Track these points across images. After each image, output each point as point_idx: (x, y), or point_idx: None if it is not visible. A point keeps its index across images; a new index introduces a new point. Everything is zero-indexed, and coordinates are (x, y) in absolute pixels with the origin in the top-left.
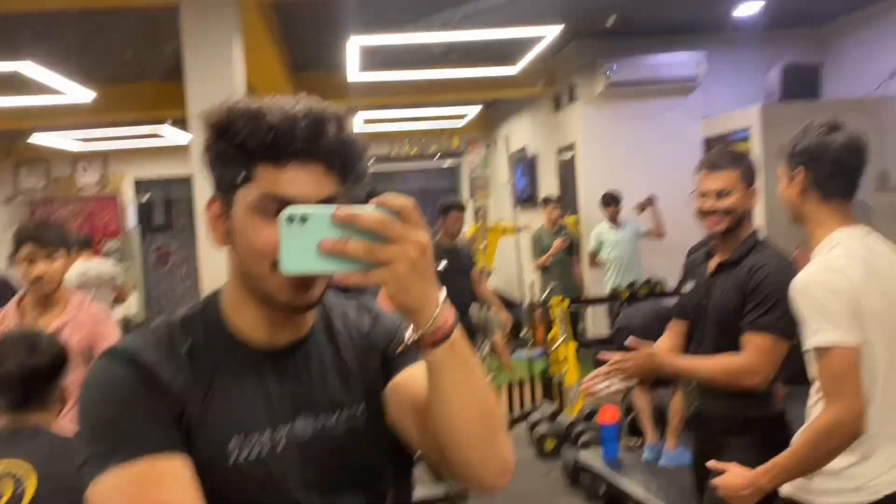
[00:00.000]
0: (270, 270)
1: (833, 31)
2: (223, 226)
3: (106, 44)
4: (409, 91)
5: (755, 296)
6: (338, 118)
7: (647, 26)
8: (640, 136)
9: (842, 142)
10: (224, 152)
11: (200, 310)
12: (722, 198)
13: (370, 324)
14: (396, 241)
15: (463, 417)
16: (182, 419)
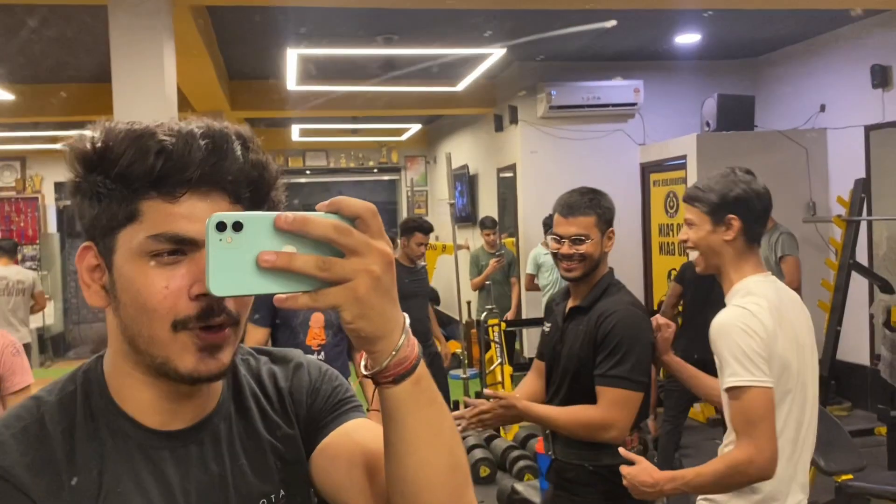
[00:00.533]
0: (170, 333)
1: (766, 65)
2: (100, 281)
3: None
4: (350, 104)
5: (605, 346)
6: (244, 138)
7: (588, 53)
8: (579, 160)
9: (764, 190)
10: (99, 187)
11: (80, 385)
12: (578, 244)
13: (288, 380)
14: (355, 254)
15: (430, 468)
16: None
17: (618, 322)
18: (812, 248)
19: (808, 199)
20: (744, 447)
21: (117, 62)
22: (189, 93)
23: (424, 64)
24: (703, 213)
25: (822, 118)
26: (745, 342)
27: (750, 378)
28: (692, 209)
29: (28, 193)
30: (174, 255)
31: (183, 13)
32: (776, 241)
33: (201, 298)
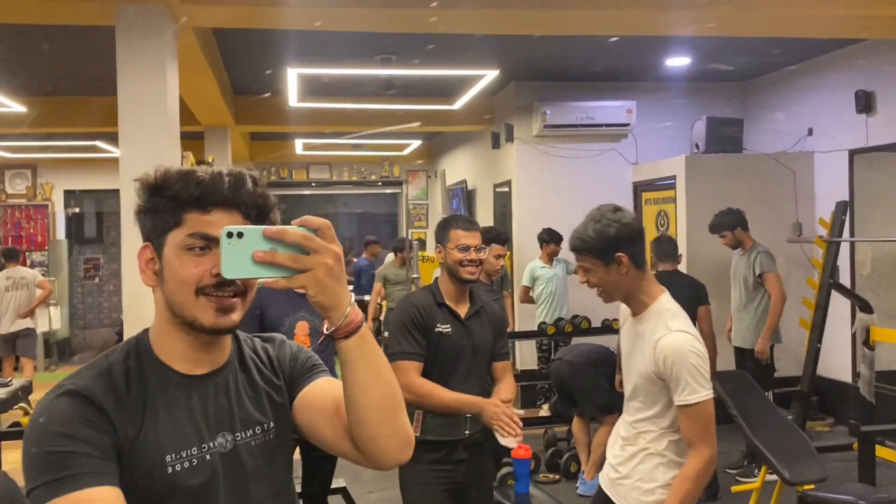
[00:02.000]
0: (195, 297)
1: (755, 88)
2: (153, 268)
3: (39, 58)
4: (351, 120)
5: (501, 333)
6: (254, 178)
7: (583, 73)
8: (573, 178)
9: (633, 219)
10: (157, 205)
11: (133, 346)
12: (479, 252)
13: (275, 351)
14: (316, 252)
15: (373, 396)
16: (122, 442)
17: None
18: (797, 268)
19: (795, 219)
20: (702, 451)
21: (123, 80)
22: (195, 108)
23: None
24: (594, 258)
25: (809, 142)
26: (698, 363)
27: (705, 393)
28: (584, 258)
29: (38, 201)
30: (203, 249)
31: (186, 33)
32: (754, 260)
33: (218, 276)
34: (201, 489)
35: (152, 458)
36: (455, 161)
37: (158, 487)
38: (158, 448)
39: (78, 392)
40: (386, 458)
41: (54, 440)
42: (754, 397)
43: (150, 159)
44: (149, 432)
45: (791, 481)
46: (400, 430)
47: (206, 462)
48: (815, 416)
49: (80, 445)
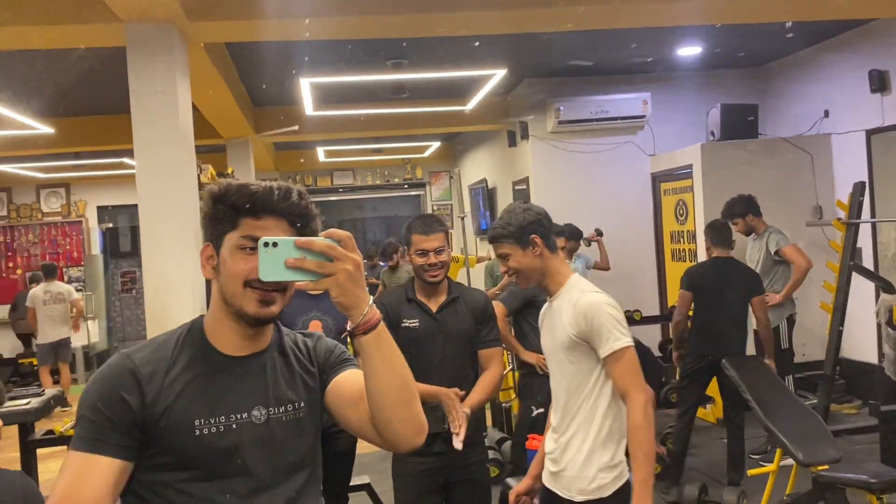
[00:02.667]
0: (243, 289)
1: (770, 73)
2: (212, 264)
3: (63, 79)
4: (369, 126)
5: (485, 321)
6: (300, 193)
7: (595, 68)
8: (590, 172)
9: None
10: (219, 212)
11: (189, 327)
12: (438, 254)
13: (314, 343)
14: (338, 260)
15: (388, 385)
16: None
17: (489, 304)
18: (818, 251)
19: (815, 203)
20: (636, 397)
21: (135, 98)
22: (214, 121)
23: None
24: (512, 243)
25: (826, 124)
26: (617, 314)
27: (628, 340)
28: (503, 245)
29: (73, 218)
30: (253, 249)
31: (197, 50)
32: (767, 240)
33: None
34: (226, 451)
35: (184, 421)
36: (475, 160)
37: (188, 446)
38: (190, 413)
39: (129, 357)
40: (401, 440)
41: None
42: (768, 381)
43: (165, 174)
44: (184, 399)
45: (805, 462)
46: (413, 417)
47: (231, 430)
48: (843, 398)
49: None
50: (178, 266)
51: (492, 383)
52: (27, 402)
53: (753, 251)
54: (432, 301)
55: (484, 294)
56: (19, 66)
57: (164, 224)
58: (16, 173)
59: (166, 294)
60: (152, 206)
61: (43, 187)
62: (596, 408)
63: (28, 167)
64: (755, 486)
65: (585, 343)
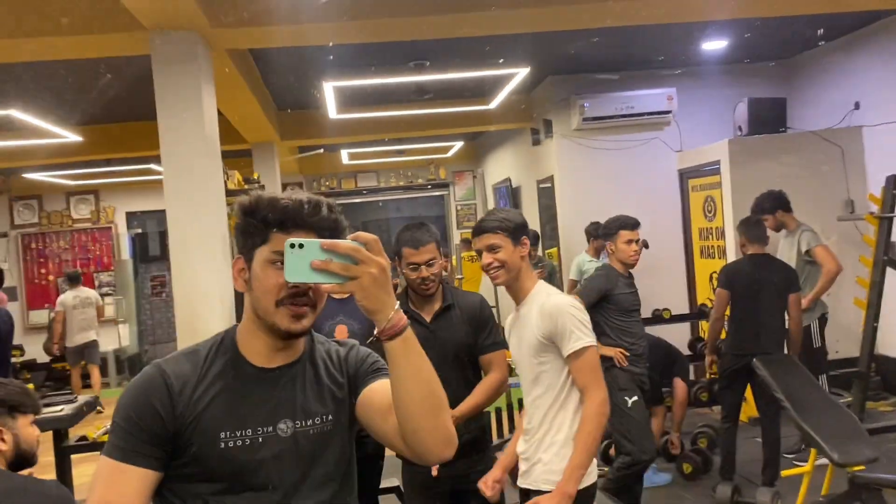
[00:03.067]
0: (275, 305)
1: (798, 66)
2: (244, 277)
3: (90, 88)
4: (392, 128)
5: (484, 326)
6: (330, 206)
7: (619, 64)
8: (616, 169)
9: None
10: (249, 225)
11: (221, 337)
12: (430, 266)
13: (346, 353)
14: (364, 263)
15: (414, 393)
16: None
17: (485, 308)
18: (850, 246)
19: (846, 197)
20: (594, 394)
21: (161, 106)
22: (240, 127)
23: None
24: (506, 236)
25: (856, 116)
26: (580, 315)
27: (589, 339)
28: (497, 236)
29: (102, 223)
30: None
31: (221, 56)
32: (799, 239)
33: (293, 287)
34: (251, 465)
35: (209, 433)
36: (498, 160)
37: (213, 458)
38: (216, 425)
39: (161, 368)
40: (428, 452)
41: (124, 417)
42: (800, 379)
43: (192, 180)
44: (211, 410)
45: (840, 463)
46: (440, 427)
47: (258, 443)
48: (878, 395)
49: (138, 430)
50: (207, 272)
51: (490, 387)
52: (61, 409)
53: (784, 248)
54: (426, 310)
55: (480, 298)
56: (46, 75)
57: (191, 231)
58: (46, 181)
59: (196, 300)
60: (180, 214)
61: (72, 194)
62: (566, 407)
63: (58, 175)
64: (789, 486)
65: (552, 344)
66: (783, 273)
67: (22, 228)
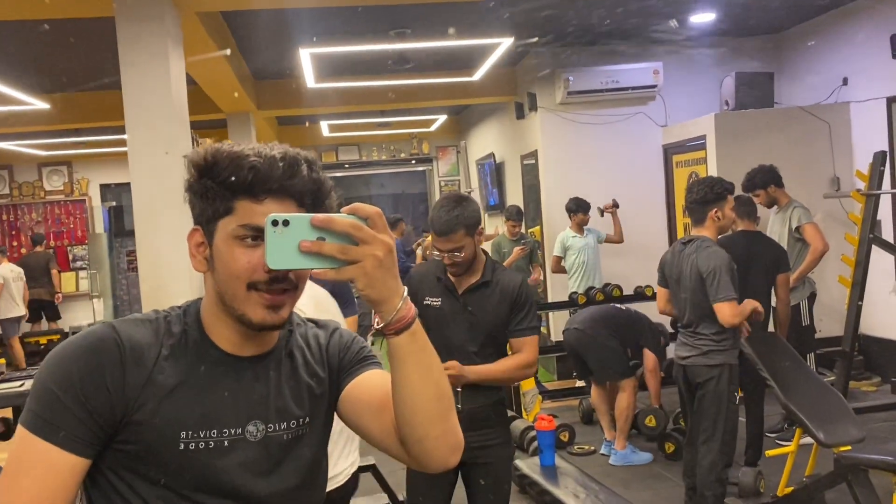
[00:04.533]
0: (246, 292)
1: (786, 40)
2: (203, 253)
3: (57, 54)
4: (373, 99)
5: (519, 307)
6: (309, 161)
7: (604, 37)
8: (600, 144)
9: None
10: (208, 188)
11: (184, 310)
12: (455, 255)
13: (327, 339)
14: (366, 242)
15: (422, 396)
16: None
17: (524, 288)
18: (836, 224)
19: (832, 174)
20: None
21: (126, 69)
22: (213, 95)
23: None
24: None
25: (844, 92)
26: None
27: None
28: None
29: (76, 196)
30: (255, 240)
31: (191, 19)
32: (790, 215)
33: (271, 271)
34: (213, 472)
35: (167, 430)
36: (482, 134)
37: (170, 460)
38: (176, 421)
39: (116, 332)
40: (433, 460)
41: (63, 382)
42: (787, 359)
43: (158, 149)
44: (172, 402)
45: (826, 443)
46: (449, 432)
47: (223, 447)
48: (861, 375)
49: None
50: (174, 244)
51: (514, 364)
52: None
53: (775, 224)
54: (462, 282)
55: (520, 278)
56: (15, 40)
57: (157, 200)
58: (16, 151)
59: (162, 273)
60: (144, 181)
61: (45, 165)
62: None
63: (28, 144)
64: (773, 466)
65: None
66: (773, 252)
67: None
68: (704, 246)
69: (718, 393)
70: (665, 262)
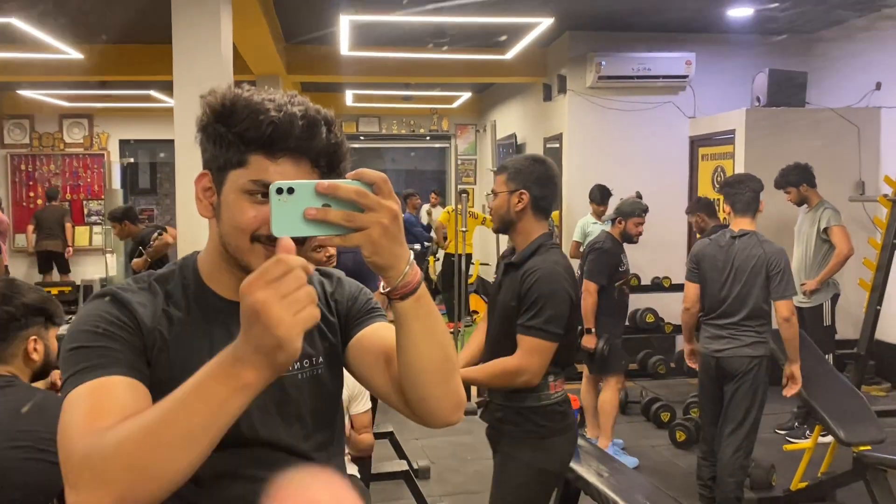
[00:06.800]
0: (250, 244)
1: (820, 41)
2: (210, 199)
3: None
4: (402, 71)
5: (526, 300)
6: (329, 122)
7: (640, 23)
8: (626, 132)
9: None
10: (222, 136)
11: (180, 268)
12: (491, 198)
13: (333, 287)
14: (371, 210)
15: (427, 359)
16: (151, 351)
17: (538, 279)
18: (858, 228)
19: (858, 177)
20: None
21: (177, 25)
22: (247, 56)
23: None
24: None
25: (876, 97)
26: None
27: None
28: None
29: (95, 150)
30: (265, 196)
31: None
32: (820, 216)
33: None
34: None
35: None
36: (505, 114)
37: None
38: (184, 369)
39: (116, 296)
40: (435, 418)
41: (89, 337)
42: (811, 357)
43: None
44: (179, 352)
45: (846, 441)
46: (452, 392)
47: None
48: (872, 380)
49: (112, 342)
50: None
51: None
52: None
53: (804, 224)
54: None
55: (543, 268)
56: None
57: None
58: (39, 100)
59: (198, 232)
60: (189, 141)
61: (66, 117)
62: None
63: (52, 94)
64: (788, 462)
65: None
66: None
67: (12, 148)
68: (765, 240)
69: (756, 384)
70: (704, 255)
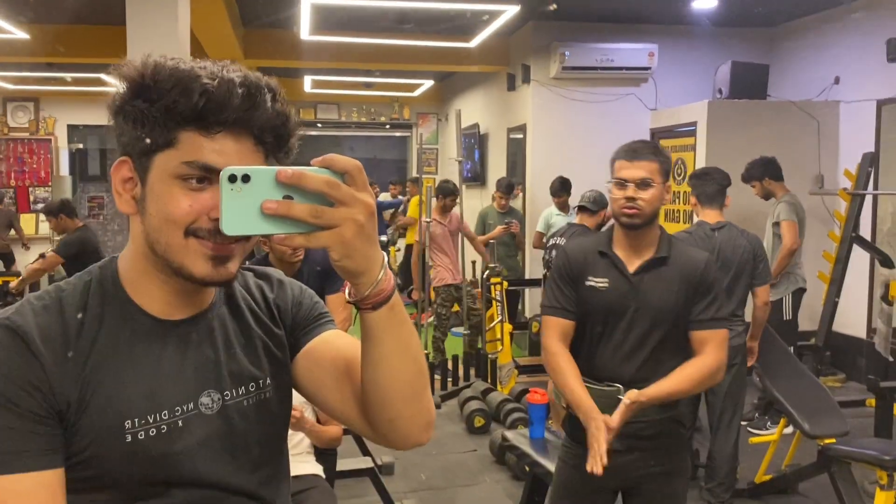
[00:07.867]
0: (184, 240)
1: (782, 34)
2: (131, 192)
3: None
4: (364, 57)
5: (704, 292)
6: (273, 90)
7: (603, 14)
8: (589, 123)
9: None
10: (143, 113)
11: (97, 277)
12: (643, 188)
13: (274, 292)
14: (343, 204)
15: (399, 375)
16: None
17: (709, 267)
18: (817, 221)
19: (818, 171)
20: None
21: (132, 5)
22: (203, 39)
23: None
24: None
25: (835, 90)
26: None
27: None
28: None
29: (41, 135)
30: (201, 181)
31: None
32: (776, 210)
33: (217, 221)
34: (171, 460)
35: (107, 423)
36: (467, 104)
37: (115, 454)
38: (115, 412)
39: (12, 329)
40: (404, 440)
41: None
42: (776, 350)
43: None
44: (104, 390)
45: (811, 434)
46: (424, 410)
47: (177, 429)
48: (827, 371)
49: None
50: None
51: (698, 372)
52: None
53: (770, 217)
54: (633, 258)
55: (705, 257)
56: None
57: None
58: None
59: None
60: None
61: (10, 100)
62: None
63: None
64: (751, 454)
65: None
66: None
67: None
68: (743, 230)
69: (742, 373)
70: None
